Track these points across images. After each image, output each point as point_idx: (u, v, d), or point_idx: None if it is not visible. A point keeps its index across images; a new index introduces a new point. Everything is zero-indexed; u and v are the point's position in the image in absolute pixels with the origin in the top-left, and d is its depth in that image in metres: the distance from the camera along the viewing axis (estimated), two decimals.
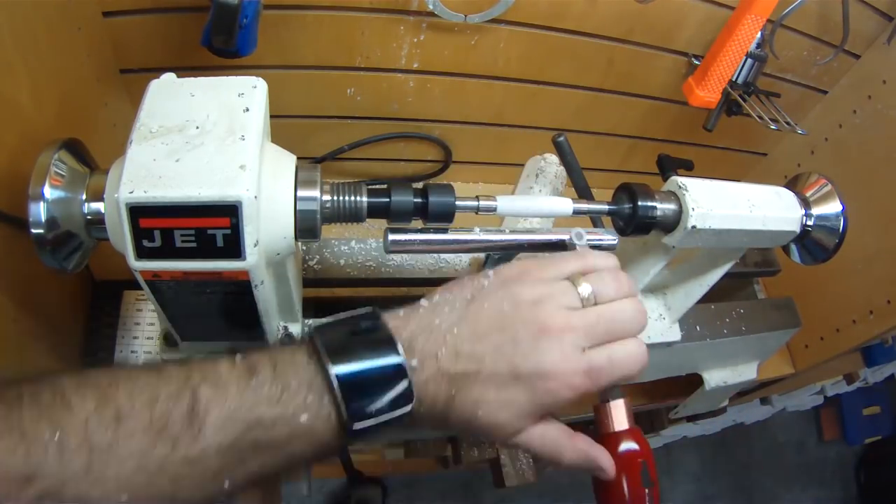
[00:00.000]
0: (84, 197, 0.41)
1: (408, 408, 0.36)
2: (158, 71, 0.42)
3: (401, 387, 0.36)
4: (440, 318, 0.39)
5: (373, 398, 0.35)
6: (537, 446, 0.41)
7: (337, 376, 0.35)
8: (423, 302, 0.40)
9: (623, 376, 0.40)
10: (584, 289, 0.41)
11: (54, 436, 0.30)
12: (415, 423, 0.39)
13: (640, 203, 0.47)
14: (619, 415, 0.43)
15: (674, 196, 0.49)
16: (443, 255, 0.62)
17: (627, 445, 0.42)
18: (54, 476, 0.30)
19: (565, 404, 0.39)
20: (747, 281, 0.89)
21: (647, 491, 0.41)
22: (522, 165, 0.72)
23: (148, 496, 0.32)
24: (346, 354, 0.36)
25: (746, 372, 0.83)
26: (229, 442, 0.33)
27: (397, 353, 0.36)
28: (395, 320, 0.39)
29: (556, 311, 0.39)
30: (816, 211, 0.54)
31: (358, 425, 0.35)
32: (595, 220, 0.61)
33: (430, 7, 0.63)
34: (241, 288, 0.41)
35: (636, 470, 0.41)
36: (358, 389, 0.35)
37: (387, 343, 0.37)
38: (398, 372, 0.36)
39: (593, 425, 0.45)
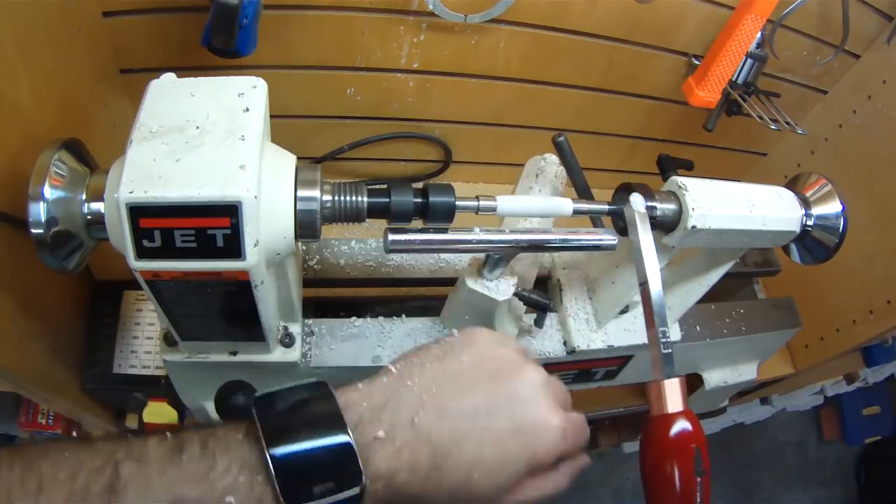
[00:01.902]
0: (84, 197, 0.41)
1: (355, 490, 0.33)
2: (158, 71, 0.42)
3: (347, 467, 0.33)
4: (412, 381, 0.37)
5: (313, 479, 0.33)
6: (536, 497, 0.38)
7: (273, 457, 0.32)
8: (384, 374, 0.38)
9: (585, 438, 0.40)
10: None
11: None
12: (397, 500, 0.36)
13: None
14: (672, 394, 0.41)
15: (674, 196, 0.49)
16: (443, 255, 0.62)
17: (681, 427, 0.40)
18: None
19: (553, 458, 0.38)
20: (747, 281, 0.89)
21: (699, 480, 0.39)
22: (522, 165, 0.72)
23: None
24: (285, 432, 0.33)
25: (746, 372, 0.83)
26: None
27: (344, 431, 0.34)
28: (349, 393, 0.37)
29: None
30: (816, 211, 0.54)
31: None
32: (595, 220, 0.61)
33: (430, 7, 0.63)
34: (241, 288, 0.41)
35: (689, 456, 0.39)
36: (297, 471, 0.33)
37: (333, 421, 0.34)
38: (345, 450, 0.33)
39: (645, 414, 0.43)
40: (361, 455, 0.34)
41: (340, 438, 0.33)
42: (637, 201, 0.46)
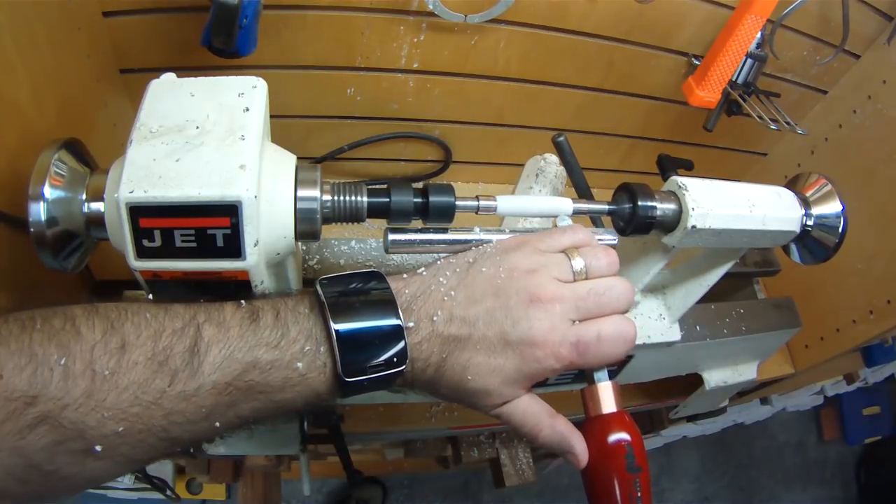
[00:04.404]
0: (84, 197, 0.41)
1: (401, 367, 0.37)
2: (158, 71, 0.42)
3: (397, 347, 0.37)
4: (439, 282, 0.40)
5: (368, 355, 0.37)
6: (518, 419, 0.41)
7: (337, 331, 0.36)
8: (426, 267, 0.42)
9: (611, 353, 0.41)
10: (578, 262, 0.42)
11: (61, 360, 0.31)
12: (406, 385, 0.41)
13: (640, 203, 0.47)
14: (605, 397, 0.43)
15: (674, 196, 0.49)
16: (443, 255, 0.62)
17: (612, 429, 0.42)
18: (56, 399, 0.31)
19: (551, 374, 0.40)
20: (747, 281, 0.89)
21: (634, 477, 0.40)
22: (522, 165, 0.72)
23: (141, 429, 0.33)
24: (347, 311, 0.37)
25: (746, 372, 0.83)
26: (226, 381, 0.34)
27: (397, 315, 0.38)
28: (396, 282, 0.40)
29: (548, 281, 0.40)
30: (816, 211, 0.54)
31: (351, 379, 0.36)
32: (595, 220, 0.61)
33: (430, 7, 0.63)
34: (241, 288, 0.41)
35: (621, 454, 0.41)
36: (355, 345, 0.36)
37: (387, 304, 0.38)
38: (395, 333, 0.37)
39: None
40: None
41: (393, 322, 0.37)
42: None
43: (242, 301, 0.37)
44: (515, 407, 0.41)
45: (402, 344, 0.37)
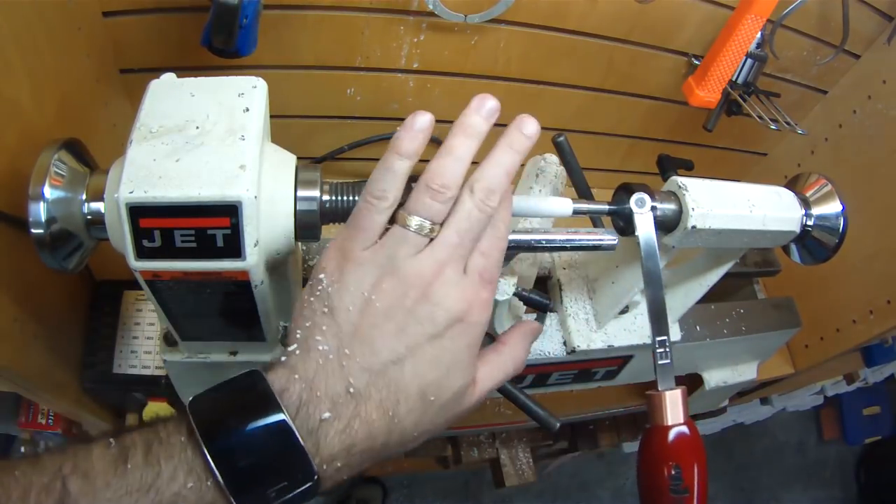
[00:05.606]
0: (84, 197, 0.41)
1: (310, 482, 0.32)
2: (158, 71, 0.42)
3: (294, 458, 0.32)
4: (321, 351, 0.35)
5: (264, 478, 0.31)
6: (494, 385, 0.40)
7: (212, 454, 0.31)
8: (293, 342, 0.36)
9: (500, 245, 0.39)
10: (413, 221, 0.36)
11: None
12: (362, 468, 0.36)
13: None
14: (668, 406, 0.42)
15: (674, 196, 0.49)
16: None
17: (662, 444, 0.40)
18: None
19: (488, 323, 0.38)
20: (747, 281, 0.89)
21: (679, 499, 0.38)
22: (522, 165, 0.72)
23: None
24: (219, 424, 0.32)
25: (746, 372, 0.83)
26: None
27: (278, 409, 0.32)
28: (280, 375, 0.34)
29: (415, 263, 0.36)
30: (816, 211, 0.54)
31: None
32: (595, 220, 0.61)
33: (430, 7, 0.63)
34: (241, 288, 0.41)
35: (664, 474, 0.39)
36: (243, 468, 0.31)
37: (264, 400, 0.32)
38: (283, 431, 0.32)
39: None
40: (310, 440, 0.32)
41: (276, 417, 0.32)
42: (640, 201, 0.46)
43: (112, 440, 0.32)
44: (483, 383, 0.39)
45: (301, 453, 0.32)
